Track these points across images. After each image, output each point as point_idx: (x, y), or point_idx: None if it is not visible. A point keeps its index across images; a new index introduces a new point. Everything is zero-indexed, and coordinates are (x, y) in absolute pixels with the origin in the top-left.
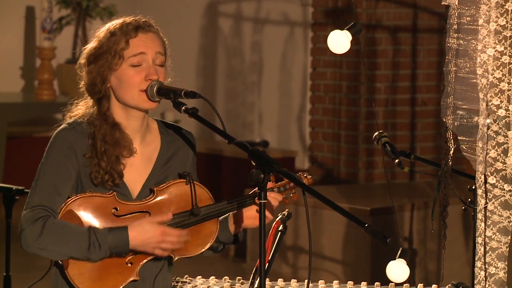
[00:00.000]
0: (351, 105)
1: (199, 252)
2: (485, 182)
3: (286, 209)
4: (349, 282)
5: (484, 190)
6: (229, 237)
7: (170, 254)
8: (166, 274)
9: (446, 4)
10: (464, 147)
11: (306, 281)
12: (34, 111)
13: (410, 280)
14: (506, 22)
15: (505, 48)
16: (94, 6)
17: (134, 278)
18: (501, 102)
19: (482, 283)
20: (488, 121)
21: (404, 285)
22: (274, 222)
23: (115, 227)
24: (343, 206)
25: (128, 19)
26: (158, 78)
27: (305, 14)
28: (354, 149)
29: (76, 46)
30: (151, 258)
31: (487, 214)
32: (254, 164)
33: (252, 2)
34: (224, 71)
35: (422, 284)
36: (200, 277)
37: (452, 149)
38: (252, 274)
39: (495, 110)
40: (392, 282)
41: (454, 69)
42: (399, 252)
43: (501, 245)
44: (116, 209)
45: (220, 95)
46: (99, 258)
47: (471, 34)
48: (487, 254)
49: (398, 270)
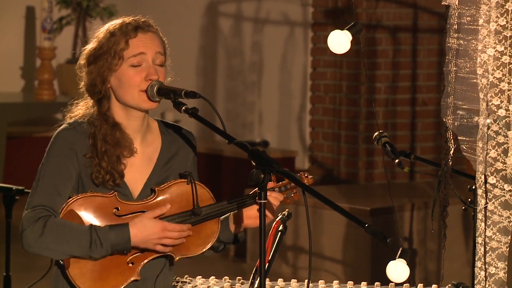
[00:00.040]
0: (351, 105)
1: (200, 251)
2: (485, 182)
3: (286, 209)
4: (349, 282)
5: (484, 190)
6: (229, 236)
7: (171, 254)
8: (167, 274)
9: (446, 4)
10: (464, 147)
11: (306, 281)
12: (34, 111)
13: (410, 280)
14: (506, 22)
15: (505, 48)
16: (94, 6)
17: (135, 278)
18: (501, 102)
19: (482, 283)
20: (488, 121)
21: (404, 285)
22: (274, 222)
23: (116, 224)
24: (343, 206)
25: (127, 19)
26: (158, 78)
27: (305, 14)
28: (354, 149)
29: (76, 46)
30: (152, 258)
31: (487, 214)
32: (254, 164)
33: (252, 2)
34: (224, 71)
35: (422, 284)
36: (200, 277)
37: (452, 149)
38: (252, 274)
39: (495, 110)
40: (392, 282)
41: (454, 69)
42: (399, 252)
43: (501, 245)
44: (117, 209)
45: (220, 95)
46: (101, 256)
47: (471, 34)
48: (487, 254)
49: (398, 270)
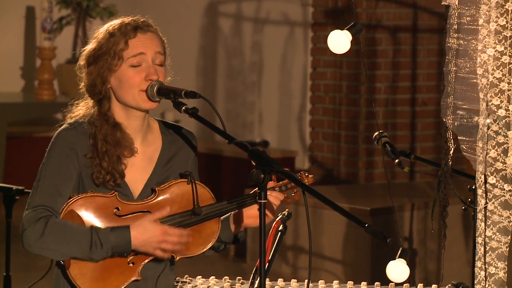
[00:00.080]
0: (351, 105)
1: (201, 251)
2: (485, 182)
3: (286, 209)
4: (349, 282)
5: (484, 190)
6: (230, 236)
7: (172, 254)
8: (168, 274)
9: (446, 4)
10: (464, 147)
11: (306, 281)
12: (34, 111)
13: (410, 280)
14: (506, 22)
15: (505, 48)
16: (94, 6)
17: (136, 278)
18: (501, 102)
19: (482, 283)
20: (488, 121)
21: (404, 285)
22: (274, 222)
23: (117, 227)
24: (343, 206)
25: (126, 20)
26: (158, 78)
27: (305, 14)
28: (354, 149)
29: (76, 46)
30: (153, 257)
31: (487, 214)
32: (254, 164)
33: (252, 2)
34: (224, 71)
35: (422, 284)
36: (200, 277)
37: (452, 149)
38: (252, 274)
39: (495, 110)
40: (392, 282)
41: (454, 69)
42: (399, 252)
43: (501, 245)
44: (117, 209)
45: (220, 95)
46: (101, 258)
47: (471, 34)
48: (487, 254)
49: (398, 270)
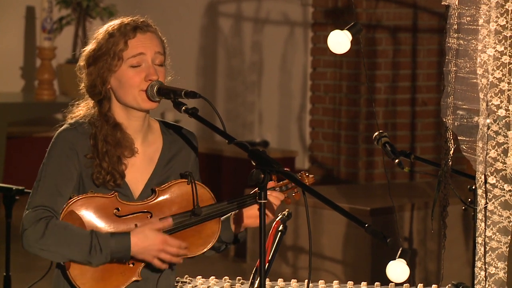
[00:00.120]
0: (351, 105)
1: (201, 251)
2: (485, 182)
3: (286, 209)
4: (349, 282)
5: (484, 190)
6: (231, 236)
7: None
8: (169, 274)
9: (446, 4)
10: (464, 147)
11: (306, 281)
12: (34, 111)
13: (410, 280)
14: (506, 22)
15: (505, 48)
16: (94, 6)
17: (136, 278)
18: (501, 102)
19: (482, 283)
20: (488, 121)
21: (404, 285)
22: (274, 222)
23: (118, 232)
24: (343, 206)
25: (126, 20)
26: (158, 78)
27: (305, 14)
28: (354, 149)
29: (76, 46)
30: None
31: (487, 214)
32: (254, 164)
33: (252, 2)
34: (224, 71)
35: (422, 284)
36: (200, 277)
37: (452, 149)
38: (252, 274)
39: (495, 110)
40: (392, 282)
41: (454, 69)
42: (399, 252)
43: (501, 245)
44: (117, 209)
45: (220, 95)
46: (100, 263)
47: (471, 34)
48: (487, 254)
49: (398, 270)
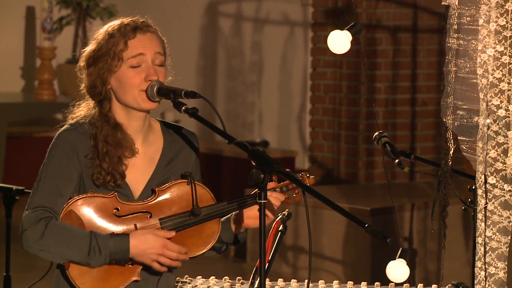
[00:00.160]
0: (351, 105)
1: (201, 252)
2: (485, 182)
3: (286, 209)
4: (349, 282)
5: (484, 190)
6: (231, 237)
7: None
8: (169, 274)
9: (446, 4)
10: (464, 147)
11: (306, 281)
12: (34, 111)
13: (410, 280)
14: (506, 22)
15: (505, 48)
16: (94, 6)
17: (135, 278)
18: (501, 102)
19: (482, 283)
20: (488, 121)
21: (404, 285)
22: (274, 222)
23: (117, 234)
24: (343, 206)
25: (126, 20)
26: (158, 78)
27: (305, 14)
28: (354, 149)
29: (76, 46)
30: None
31: (487, 214)
32: (254, 164)
33: (252, 2)
34: (224, 71)
35: (422, 284)
36: (200, 277)
37: (452, 149)
38: (252, 274)
39: (495, 110)
40: (392, 282)
41: (454, 69)
42: (399, 252)
43: (501, 245)
44: (117, 209)
45: (220, 95)
46: (99, 264)
47: (471, 34)
48: (487, 254)
49: (398, 270)
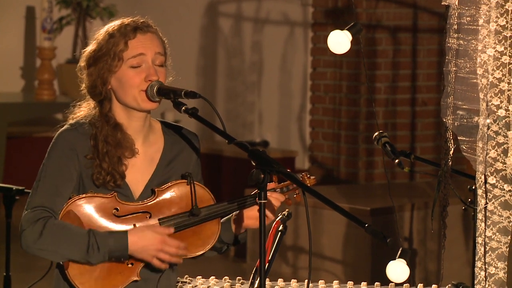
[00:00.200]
0: (351, 105)
1: (200, 252)
2: (485, 182)
3: (286, 209)
4: (349, 282)
5: (484, 190)
6: (231, 237)
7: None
8: (170, 275)
9: (446, 4)
10: (464, 147)
11: (306, 281)
12: (34, 111)
13: (410, 280)
14: (506, 22)
15: (505, 48)
16: (94, 6)
17: (135, 278)
18: (501, 102)
19: (482, 283)
20: (488, 121)
21: (404, 285)
22: (274, 222)
23: (116, 231)
24: (343, 206)
25: (126, 20)
26: (158, 78)
27: (305, 14)
28: (354, 149)
29: (76, 46)
30: None
31: (487, 214)
32: (254, 164)
33: (252, 2)
34: (224, 71)
35: (422, 284)
36: (200, 277)
37: (452, 149)
38: (252, 274)
39: (495, 110)
40: (392, 282)
41: (454, 69)
42: (399, 252)
43: (501, 245)
44: (116, 209)
45: (220, 95)
46: (98, 262)
47: (471, 34)
48: (487, 254)
49: (398, 270)
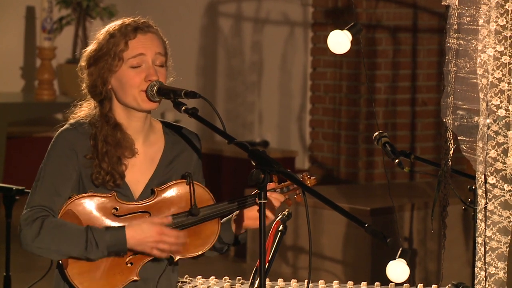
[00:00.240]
0: (351, 105)
1: (200, 252)
2: (485, 182)
3: (286, 209)
4: (349, 282)
5: (484, 190)
6: (231, 238)
7: (171, 255)
8: (170, 275)
9: (446, 4)
10: (464, 147)
11: (306, 281)
12: (34, 111)
13: (410, 280)
14: (506, 22)
15: (505, 48)
16: (94, 6)
17: (134, 278)
18: (501, 102)
19: (482, 283)
20: (488, 121)
21: (404, 285)
22: (274, 222)
23: (113, 226)
24: (343, 206)
25: (127, 20)
26: (157, 78)
27: (305, 14)
28: (354, 149)
29: (76, 46)
30: (152, 258)
31: (487, 214)
32: (254, 164)
33: (252, 2)
34: (224, 71)
35: (422, 284)
36: (200, 277)
37: (452, 149)
38: (252, 274)
39: (495, 110)
40: (392, 282)
41: (454, 69)
42: (399, 252)
43: (501, 245)
44: (116, 209)
45: (220, 95)
46: (98, 257)
47: (471, 34)
48: (487, 254)
49: (398, 270)
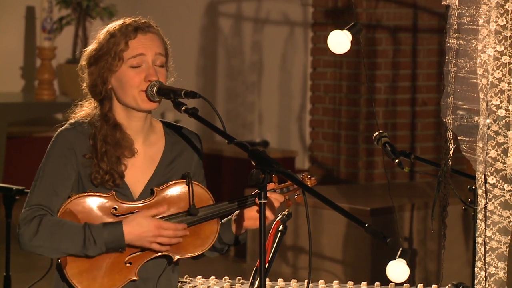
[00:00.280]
0: (351, 105)
1: (199, 252)
2: (485, 182)
3: (286, 209)
4: (349, 282)
5: (484, 190)
6: (232, 238)
7: (169, 254)
8: (170, 275)
9: (446, 4)
10: (464, 147)
11: (306, 281)
12: (34, 111)
13: (410, 280)
14: (506, 22)
15: (505, 48)
16: (94, 6)
17: (133, 278)
18: (501, 102)
19: (482, 283)
20: (488, 121)
21: (404, 285)
22: (274, 222)
23: (110, 222)
24: (343, 206)
25: (127, 20)
26: (157, 78)
27: (305, 14)
28: (354, 149)
29: (76, 46)
30: (151, 258)
31: (487, 214)
32: (254, 164)
33: (252, 2)
34: (224, 71)
35: (422, 284)
36: (200, 277)
37: (452, 149)
38: (252, 274)
39: (495, 110)
40: (392, 282)
41: (454, 69)
42: (399, 252)
43: (501, 245)
44: (115, 208)
45: (220, 95)
46: (96, 254)
47: (471, 34)
48: (487, 254)
49: (398, 270)
